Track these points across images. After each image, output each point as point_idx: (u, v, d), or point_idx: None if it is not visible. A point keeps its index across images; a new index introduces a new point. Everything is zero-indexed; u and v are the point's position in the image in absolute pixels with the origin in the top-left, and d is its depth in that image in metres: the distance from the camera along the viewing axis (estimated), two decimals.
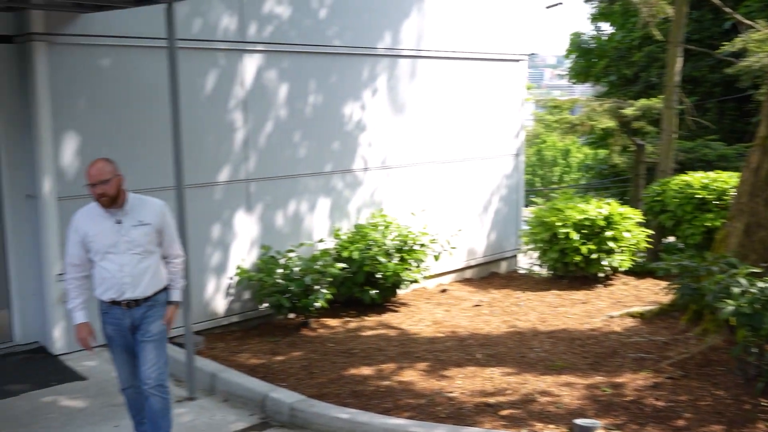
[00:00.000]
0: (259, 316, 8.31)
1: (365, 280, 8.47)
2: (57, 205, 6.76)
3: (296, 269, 7.87)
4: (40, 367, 6.62)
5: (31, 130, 6.72)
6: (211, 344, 7.52)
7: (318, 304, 7.82)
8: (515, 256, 11.54)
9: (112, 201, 4.50)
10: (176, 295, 4.80)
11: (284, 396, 5.70)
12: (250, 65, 8.01)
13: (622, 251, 9.87)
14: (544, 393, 5.90)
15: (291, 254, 8.18)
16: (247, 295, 8.18)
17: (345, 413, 5.39)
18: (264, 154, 8.19)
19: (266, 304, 8.10)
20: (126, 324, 4.64)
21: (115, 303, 4.60)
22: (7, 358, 6.80)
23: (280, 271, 7.91)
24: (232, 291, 8.07)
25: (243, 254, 8.11)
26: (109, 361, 6.75)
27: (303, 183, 8.59)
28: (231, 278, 8.04)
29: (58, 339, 6.88)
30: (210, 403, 5.96)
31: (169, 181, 6.70)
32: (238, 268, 8.03)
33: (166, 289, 4.78)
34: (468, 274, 10.75)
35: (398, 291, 8.93)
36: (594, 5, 23.98)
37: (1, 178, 6.87)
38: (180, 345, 6.62)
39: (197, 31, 7.54)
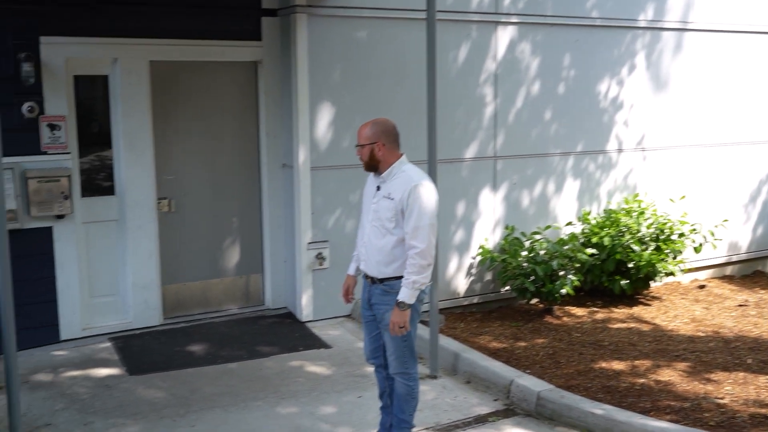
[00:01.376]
0: (500, 299, 8.01)
1: (615, 268, 7.87)
2: (310, 175, 6.88)
3: (542, 252, 7.47)
4: (288, 332, 6.79)
5: (290, 101, 6.88)
6: (451, 324, 7.34)
7: (564, 291, 7.37)
8: None
9: (368, 167, 4.40)
10: (402, 294, 4.20)
11: (532, 383, 5.36)
12: (502, 38, 7.69)
13: None
14: None
15: (537, 236, 7.79)
16: (488, 276, 7.91)
17: (600, 409, 4.94)
18: (512, 130, 7.85)
19: (508, 288, 7.78)
20: (366, 297, 4.52)
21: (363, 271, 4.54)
22: (258, 320, 7.06)
23: (524, 253, 7.55)
24: (473, 271, 7.84)
25: (486, 233, 7.84)
26: (352, 331, 6.84)
27: (552, 162, 8.15)
28: (473, 258, 7.81)
29: (306, 306, 7.02)
30: (452, 383, 5.76)
31: (419, 155, 6.58)
32: (481, 247, 7.77)
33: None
34: (728, 270, 9.71)
35: (651, 283, 8.22)
36: None
37: (260, 146, 7.12)
38: (424, 322, 6.49)
39: (452, 2, 7.33)
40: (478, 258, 7.80)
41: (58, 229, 6.31)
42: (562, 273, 7.42)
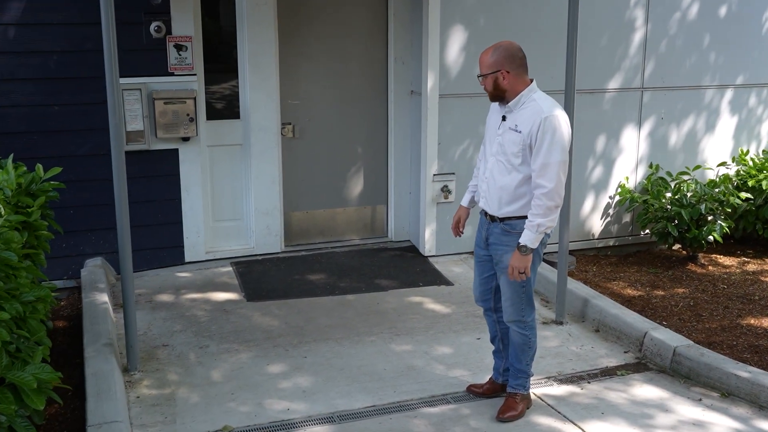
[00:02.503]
0: (638, 243, 7.45)
1: None
2: (438, 103, 6.52)
3: (689, 195, 6.82)
4: (409, 266, 6.56)
5: (420, 24, 6.50)
6: (583, 267, 6.89)
7: (711, 238, 6.72)
8: None
9: (493, 97, 3.96)
10: (525, 237, 3.83)
11: (668, 338, 4.88)
12: None
13: None
14: None
15: (684, 177, 7.12)
16: (626, 218, 7.35)
17: (745, 371, 4.42)
18: (663, 59, 7.13)
19: (648, 231, 7.20)
20: (482, 235, 4.15)
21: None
22: (380, 252, 6.87)
23: (669, 195, 6.93)
24: (610, 212, 7.29)
25: (627, 172, 7.25)
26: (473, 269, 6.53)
27: (706, 96, 7.38)
28: (611, 197, 7.26)
29: (428, 240, 6.75)
30: (579, 330, 5.36)
31: (557, 84, 6.08)
32: (621, 186, 7.20)
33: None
34: None
35: None
36: None
37: (388, 72, 6.81)
38: (552, 263, 6.10)
39: None
40: (617, 198, 7.24)
41: (184, 151, 6.29)
42: (710, 218, 6.76)
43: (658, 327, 5.06)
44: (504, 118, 3.94)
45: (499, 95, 3.91)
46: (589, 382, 4.64)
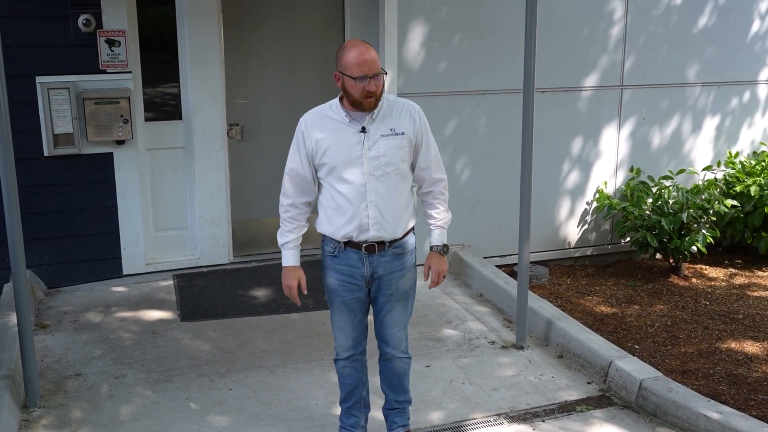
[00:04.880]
0: (618, 252, 6.94)
1: (762, 223, 6.58)
2: None
3: (671, 201, 6.30)
4: None
5: (377, 21, 5.98)
6: (556, 279, 6.38)
7: (695, 248, 6.20)
8: None
9: (375, 103, 3.27)
10: (439, 237, 3.50)
11: (634, 368, 4.37)
12: None
13: None
14: None
15: (666, 182, 6.61)
16: (605, 225, 6.83)
17: (716, 411, 3.91)
18: (645, 55, 6.61)
19: (628, 240, 6.69)
20: (362, 274, 3.44)
21: (350, 244, 3.45)
22: None
23: (650, 201, 6.42)
24: (588, 218, 6.78)
25: (606, 176, 6.73)
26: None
27: (691, 94, 6.85)
28: (588, 203, 6.74)
29: None
30: (540, 356, 4.86)
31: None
32: (599, 192, 6.69)
33: (413, 231, 3.54)
34: None
35: None
36: None
37: None
38: (512, 274, 5.61)
39: None
40: (594, 204, 6.73)
41: (119, 155, 5.79)
42: (694, 227, 6.24)
43: (625, 356, 4.54)
44: (364, 130, 3.31)
45: (380, 99, 3.31)
46: (543, 420, 4.13)
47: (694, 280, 6.38)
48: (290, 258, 3.59)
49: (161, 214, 6.10)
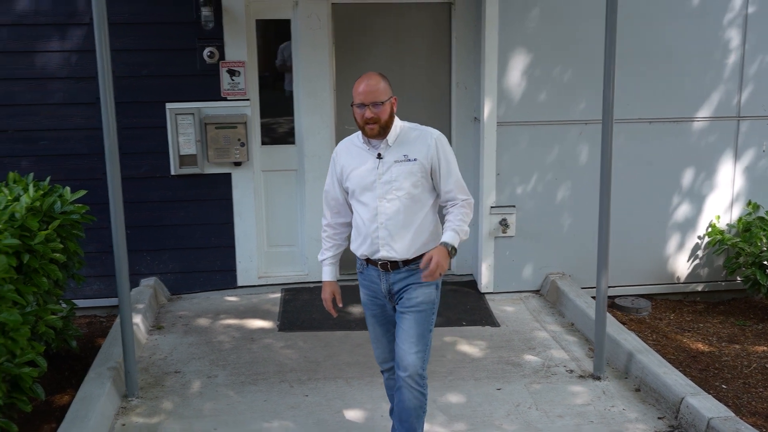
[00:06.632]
0: (733, 290, 6.65)
1: None
2: (496, 131, 6.14)
3: None
4: (460, 303, 6.20)
5: (479, 47, 6.16)
6: (659, 313, 6.23)
7: None
8: None
9: (382, 130, 3.50)
10: (449, 236, 3.50)
11: (705, 406, 4.24)
12: None
13: None
14: None
15: None
16: (719, 261, 6.58)
17: None
18: (764, 85, 6.35)
19: (739, 278, 6.41)
20: (381, 290, 3.67)
21: (369, 261, 3.66)
22: (442, 286, 6.53)
23: (766, 238, 6.13)
24: (699, 253, 6.56)
25: (719, 210, 6.50)
26: (533, 310, 6.08)
27: None
28: (700, 238, 6.53)
29: (485, 276, 6.37)
30: (617, 388, 4.80)
31: (638, 112, 5.71)
32: (711, 226, 6.47)
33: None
34: None
35: None
36: None
37: (451, 98, 6.51)
38: (622, 308, 5.68)
39: None
40: (707, 239, 6.50)
41: (237, 176, 6.31)
42: None
43: (699, 393, 4.42)
44: (380, 156, 3.54)
45: (387, 127, 3.51)
46: None
47: None
48: (327, 273, 3.87)
49: (274, 231, 6.55)
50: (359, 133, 3.61)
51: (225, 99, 6.16)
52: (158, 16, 5.99)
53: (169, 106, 6.11)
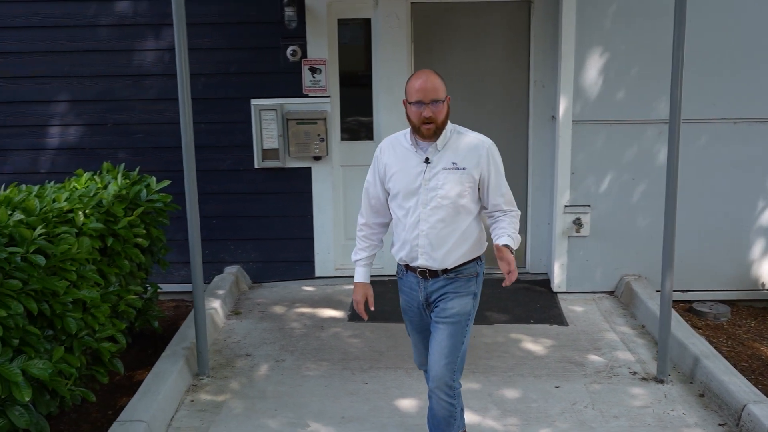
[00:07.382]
0: None
1: None
2: (571, 129, 6.12)
3: None
4: (532, 301, 6.22)
5: (557, 45, 6.15)
6: (739, 320, 6.05)
7: None
8: None
9: (438, 131, 3.37)
10: (509, 240, 3.33)
11: (765, 414, 4.14)
12: None
13: None
14: None
15: None
16: None
17: None
18: None
19: None
20: (419, 297, 3.59)
21: (408, 268, 3.58)
22: (514, 284, 6.56)
23: None
24: None
25: None
26: (605, 311, 6.03)
27: None
28: None
29: (558, 275, 6.35)
30: (679, 392, 4.73)
31: (717, 112, 5.66)
32: None
33: (477, 260, 3.55)
34: None
35: None
36: None
37: (529, 96, 6.52)
38: (699, 313, 5.62)
39: None
40: None
41: (316, 170, 6.54)
42: None
43: (763, 400, 4.30)
44: (428, 161, 3.41)
45: (442, 128, 3.41)
46: None
47: None
48: (360, 275, 3.72)
49: (351, 224, 6.74)
50: (406, 132, 3.49)
51: (306, 96, 6.39)
52: (245, 17, 6.29)
53: (254, 102, 6.39)
